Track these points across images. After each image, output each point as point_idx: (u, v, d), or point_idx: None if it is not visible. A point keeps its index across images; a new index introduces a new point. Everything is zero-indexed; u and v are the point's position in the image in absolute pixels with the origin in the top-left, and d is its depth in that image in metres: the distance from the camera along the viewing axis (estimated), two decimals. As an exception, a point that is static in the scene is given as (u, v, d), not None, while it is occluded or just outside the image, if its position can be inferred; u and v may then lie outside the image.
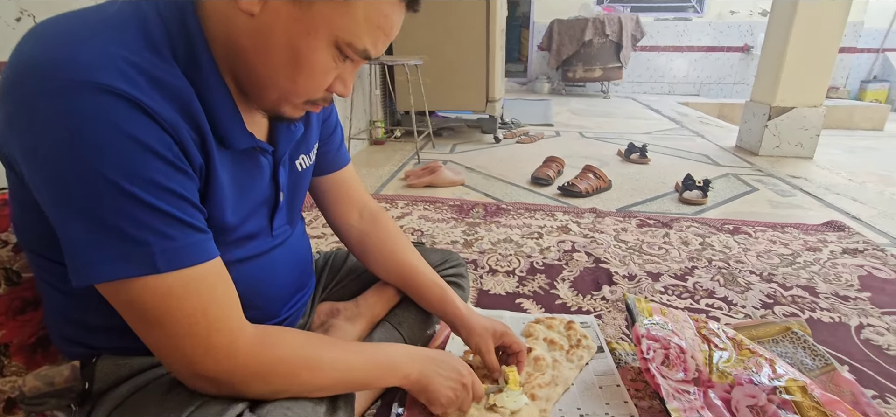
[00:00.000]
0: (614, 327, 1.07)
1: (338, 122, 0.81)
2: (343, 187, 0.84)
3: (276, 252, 0.69)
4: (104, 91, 0.42)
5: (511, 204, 1.89)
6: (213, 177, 0.53)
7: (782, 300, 1.18)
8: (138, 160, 0.44)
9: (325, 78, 0.53)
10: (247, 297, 0.66)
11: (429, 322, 0.95)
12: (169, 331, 0.48)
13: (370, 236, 0.84)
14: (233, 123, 0.54)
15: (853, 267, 1.34)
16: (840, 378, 0.84)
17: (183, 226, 0.47)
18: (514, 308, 1.16)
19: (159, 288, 0.46)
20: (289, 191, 0.69)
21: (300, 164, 0.70)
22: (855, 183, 2.19)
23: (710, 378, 0.82)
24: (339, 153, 0.82)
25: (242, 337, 0.52)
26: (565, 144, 3.11)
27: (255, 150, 0.59)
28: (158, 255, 0.45)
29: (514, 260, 1.39)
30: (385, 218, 0.86)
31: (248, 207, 0.61)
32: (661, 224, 1.67)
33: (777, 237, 1.55)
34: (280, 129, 0.63)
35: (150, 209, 0.45)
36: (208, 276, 0.49)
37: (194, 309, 0.48)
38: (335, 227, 0.86)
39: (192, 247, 0.48)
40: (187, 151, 0.49)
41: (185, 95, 0.48)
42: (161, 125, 0.45)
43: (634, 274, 1.31)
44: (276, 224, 0.67)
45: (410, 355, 0.67)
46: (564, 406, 0.83)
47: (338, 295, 0.94)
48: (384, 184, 2.20)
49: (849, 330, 1.05)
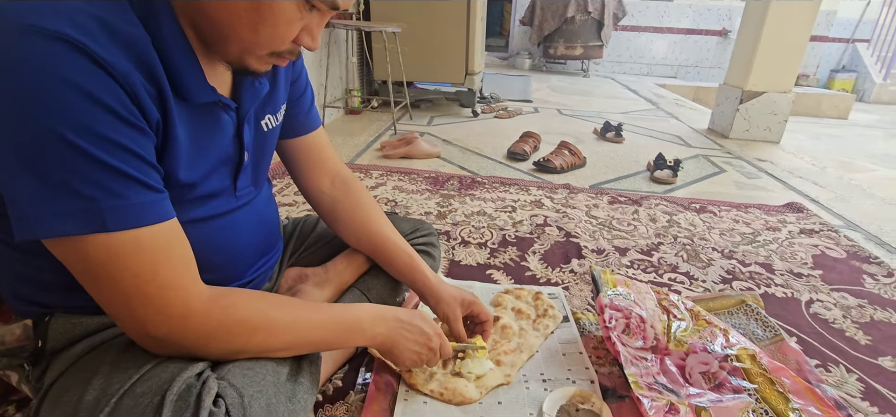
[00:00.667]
0: (581, 298, 1.09)
1: (307, 83, 0.79)
2: (314, 151, 0.82)
3: (239, 212, 0.67)
4: (50, 36, 0.40)
5: (486, 177, 1.90)
6: (170, 132, 0.51)
7: (740, 276, 1.23)
8: (85, 112, 0.42)
9: (289, 28, 0.50)
10: (208, 257, 0.64)
11: (398, 289, 0.95)
12: (119, 291, 0.46)
13: (341, 203, 0.83)
14: (191, 74, 0.52)
15: (808, 247, 1.40)
16: (787, 348, 0.89)
17: (135, 184, 0.45)
18: (485, 279, 1.17)
19: (109, 246, 0.45)
20: (253, 151, 0.67)
21: (266, 124, 0.68)
22: (817, 167, 2.28)
23: (667, 347, 0.85)
24: (310, 115, 0.80)
25: (196, 298, 0.50)
26: (543, 121, 3.12)
27: (216, 105, 0.57)
28: (108, 212, 0.44)
29: (487, 233, 1.40)
30: (357, 185, 0.85)
31: (207, 165, 0.59)
32: (632, 201, 1.70)
33: (740, 216, 1.61)
34: (244, 86, 0.60)
35: (97, 164, 0.43)
36: (162, 237, 0.48)
37: (145, 270, 0.46)
38: (306, 193, 0.85)
39: (145, 207, 0.46)
40: (142, 105, 0.46)
41: (141, 44, 0.46)
42: (112, 76, 0.43)
43: (603, 248, 1.34)
44: (240, 184, 0.65)
45: (377, 315, 0.67)
46: (528, 372, 0.86)
47: (306, 260, 0.93)
48: (359, 154, 2.17)
49: (799, 304, 1.11)
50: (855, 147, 3.42)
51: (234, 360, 0.55)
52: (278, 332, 0.56)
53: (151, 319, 0.48)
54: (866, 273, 1.26)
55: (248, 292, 0.58)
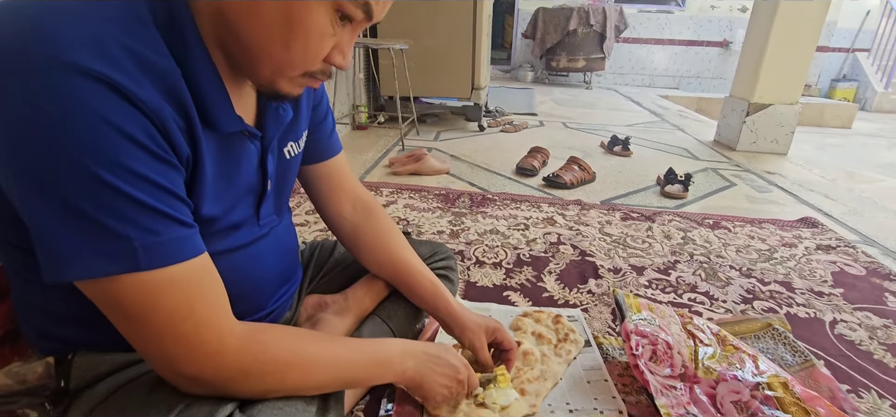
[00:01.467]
0: (601, 321, 1.08)
1: (329, 108, 0.79)
2: (335, 177, 0.81)
3: (262, 242, 0.66)
4: (81, 72, 0.39)
5: (497, 194, 1.89)
6: (199, 165, 0.50)
7: (761, 295, 1.21)
8: (118, 148, 0.41)
9: (322, 44, 0.49)
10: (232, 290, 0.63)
11: (418, 316, 0.94)
12: (152, 330, 0.45)
13: (363, 229, 0.82)
14: (221, 105, 0.51)
15: (826, 264, 1.39)
16: (818, 374, 0.87)
17: (167, 220, 0.44)
18: (502, 300, 1.16)
19: (142, 285, 0.43)
20: (276, 179, 0.66)
21: (289, 152, 0.67)
22: (826, 180, 2.26)
23: (695, 374, 0.83)
24: (331, 140, 0.80)
25: (230, 335, 0.49)
26: (549, 134, 3.12)
27: (242, 134, 0.57)
28: (141, 251, 0.42)
29: (501, 252, 1.39)
30: (378, 210, 0.84)
31: (232, 196, 0.58)
32: (645, 217, 1.69)
33: (755, 232, 1.59)
34: (268, 113, 0.60)
35: (131, 201, 0.42)
36: (195, 273, 0.47)
37: (179, 308, 0.45)
38: (327, 219, 0.84)
39: (178, 243, 0.45)
40: (172, 139, 0.46)
41: (172, 76, 0.45)
42: (144, 111, 0.42)
43: (619, 267, 1.32)
44: (263, 213, 0.65)
45: (406, 350, 0.66)
46: (553, 401, 0.84)
47: (325, 287, 0.92)
48: (368, 171, 2.16)
49: (823, 325, 1.09)
50: (860, 157, 3.41)
51: (265, 400, 0.54)
52: (312, 371, 0.55)
53: (185, 358, 0.47)
54: (888, 291, 1.25)
55: (280, 329, 0.57)
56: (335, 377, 0.58)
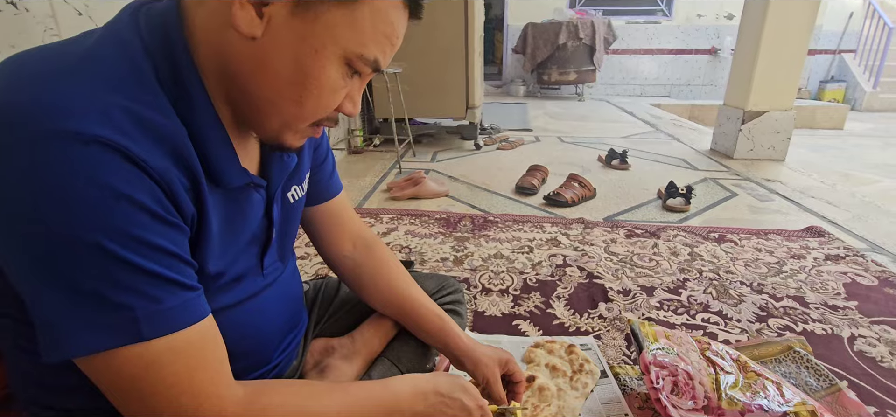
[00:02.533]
0: (615, 348, 1.05)
1: (329, 148, 0.76)
2: (336, 217, 0.79)
3: (266, 293, 0.63)
4: (81, 140, 0.37)
5: (498, 215, 1.86)
6: (204, 222, 0.48)
7: (775, 312, 1.18)
8: (126, 218, 0.39)
9: (334, 97, 0.48)
10: (236, 346, 0.60)
11: (428, 355, 0.90)
12: (150, 404, 0.43)
13: (364, 267, 0.79)
14: (226, 160, 0.49)
15: (837, 275, 1.37)
16: (846, 400, 0.84)
17: (171, 286, 0.42)
18: (512, 330, 1.12)
19: (142, 356, 0.41)
20: (281, 226, 0.63)
21: (292, 196, 0.65)
22: (826, 185, 2.26)
23: (719, 405, 0.80)
24: (332, 181, 0.77)
25: (231, 404, 0.46)
26: (545, 150, 3.11)
27: (248, 186, 0.54)
28: (143, 321, 0.40)
29: (507, 278, 1.36)
30: (379, 246, 0.82)
31: (237, 248, 0.56)
32: (649, 233, 1.67)
33: (762, 245, 1.58)
34: (272, 161, 0.58)
35: (134, 269, 0.39)
36: (197, 339, 0.44)
37: (179, 378, 0.43)
38: (327, 258, 0.81)
39: (181, 309, 0.43)
40: (178, 201, 0.43)
41: (177, 137, 0.43)
42: (150, 175, 0.40)
43: (628, 289, 1.30)
44: (267, 262, 0.62)
45: (416, 391, 0.61)
46: (574, 440, 0.81)
47: (331, 329, 0.88)
48: (367, 197, 2.14)
49: (842, 341, 1.06)
50: (855, 158, 3.43)
51: None
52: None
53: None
54: (903, 301, 1.23)
55: (282, 387, 0.54)
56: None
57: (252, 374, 0.65)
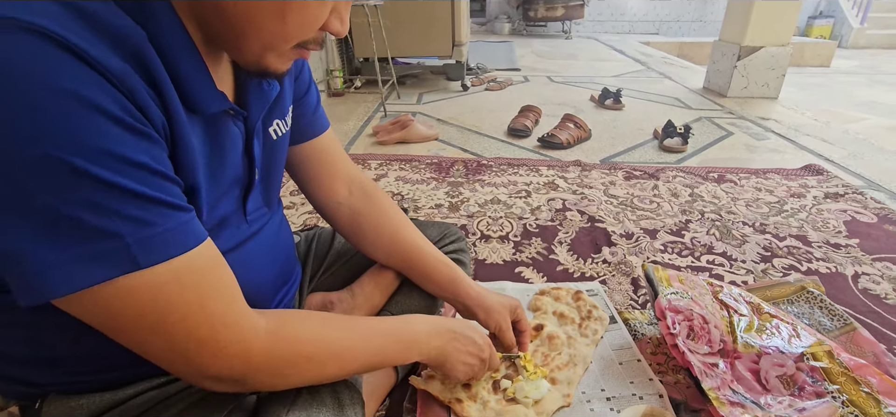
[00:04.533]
0: (621, 293, 1.02)
1: (311, 79, 0.67)
2: (326, 157, 0.71)
3: (252, 243, 0.56)
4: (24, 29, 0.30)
5: (492, 159, 1.79)
6: (181, 139, 0.41)
7: (779, 252, 1.17)
8: (90, 127, 0.33)
9: (321, 11, 0.42)
10: None
11: (433, 307, 0.85)
12: (165, 338, 0.39)
13: (364, 215, 0.72)
14: (202, 84, 0.42)
15: (837, 213, 1.36)
16: (860, 338, 0.83)
17: (161, 207, 0.37)
18: (515, 277, 1.08)
19: (144, 287, 0.36)
20: (264, 165, 0.55)
21: (275, 131, 0.56)
22: (819, 123, 2.24)
23: (735, 349, 0.78)
24: (317, 115, 0.69)
25: (253, 334, 0.43)
26: (535, 90, 3.00)
27: (225, 115, 0.47)
28: (136, 247, 0.35)
29: (506, 224, 1.31)
30: (379, 192, 0.75)
31: (219, 189, 0.48)
32: (648, 175, 1.63)
33: (761, 184, 1.55)
34: (250, 89, 0.50)
35: (115, 190, 0.34)
36: (202, 264, 0.40)
37: (191, 308, 0.39)
38: (319, 206, 0.74)
39: (177, 232, 0.38)
40: (145, 109, 0.37)
41: (134, 38, 0.36)
42: (109, 80, 0.33)
43: (631, 232, 1.26)
44: (250, 207, 0.55)
45: (432, 329, 0.61)
46: (587, 389, 0.78)
47: (328, 283, 0.82)
48: (352, 142, 2.03)
49: (846, 280, 1.06)
50: (843, 96, 3.43)
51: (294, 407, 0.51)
52: (348, 359, 0.51)
53: (208, 362, 0.41)
54: (903, 238, 1.22)
55: (307, 317, 0.51)
56: (367, 362, 0.54)
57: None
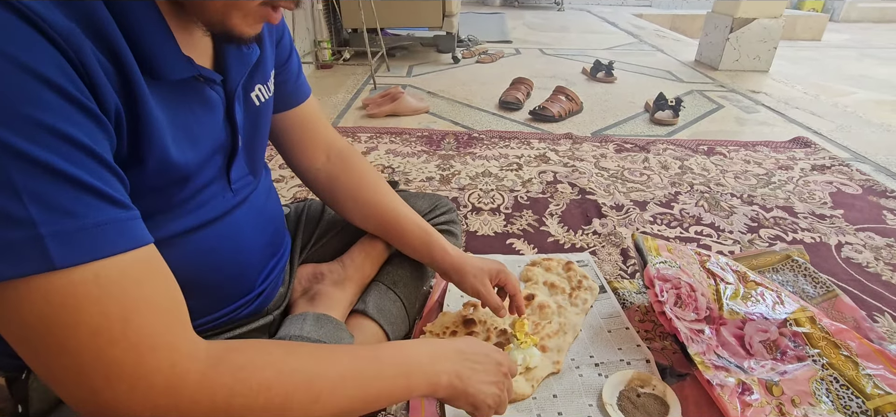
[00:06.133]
0: (611, 263, 1.03)
1: (292, 44, 0.66)
2: (307, 125, 0.70)
3: (238, 212, 0.55)
4: None
5: (483, 132, 1.78)
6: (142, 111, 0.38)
7: (765, 222, 1.19)
8: (17, 89, 0.28)
9: None
10: (211, 274, 0.53)
11: (424, 277, 0.86)
12: (71, 358, 0.31)
13: (340, 179, 0.72)
14: (164, 47, 0.39)
15: (824, 184, 1.38)
16: (842, 304, 0.85)
17: (90, 196, 0.31)
18: (507, 249, 1.09)
19: (55, 292, 0.30)
20: (246, 132, 0.54)
21: (258, 97, 0.55)
22: (809, 96, 2.25)
23: (721, 315, 0.80)
24: (299, 83, 0.67)
25: (190, 361, 0.35)
26: (527, 63, 2.97)
27: (197, 81, 0.44)
28: (51, 241, 0.29)
29: (498, 196, 1.31)
30: (355, 157, 0.74)
31: (198, 156, 0.46)
32: (639, 148, 1.63)
33: (750, 156, 1.56)
34: (229, 53, 0.48)
35: (35, 166, 0.29)
36: (136, 272, 0.33)
37: (109, 321, 0.31)
38: (299, 172, 0.73)
39: (108, 228, 0.31)
40: (94, 82, 0.32)
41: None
42: (51, 39, 0.29)
43: (621, 204, 1.27)
44: (235, 175, 0.53)
45: (435, 353, 0.50)
46: (577, 356, 0.79)
47: (318, 254, 0.82)
48: (341, 115, 2.00)
49: (830, 249, 1.08)
50: (833, 70, 3.44)
51: None
52: (323, 391, 0.40)
53: (126, 398, 0.32)
54: (885, 208, 1.25)
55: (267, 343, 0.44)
56: (351, 398, 0.41)
57: (236, 303, 0.59)
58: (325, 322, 0.68)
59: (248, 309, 0.61)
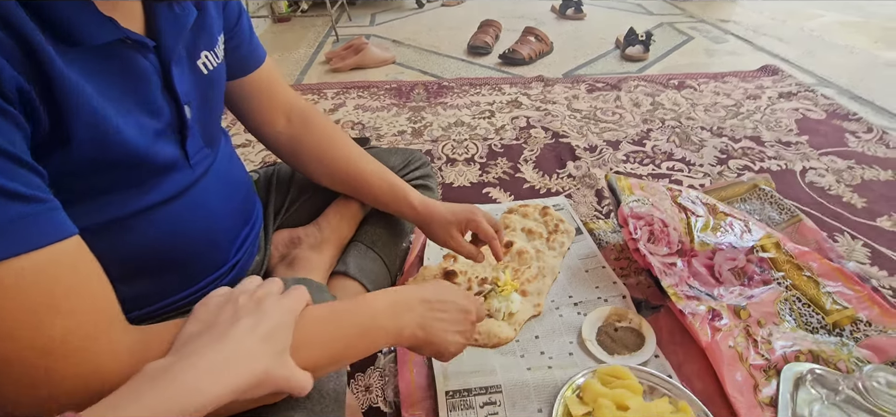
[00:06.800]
0: (586, 205, 1.04)
1: (241, 6, 0.61)
2: (265, 89, 0.66)
3: (201, 185, 0.52)
4: None
5: (453, 80, 1.73)
6: (62, 86, 0.34)
7: (734, 153, 1.21)
8: None
9: None
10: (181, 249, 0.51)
11: (402, 233, 0.85)
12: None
13: (303, 141, 0.70)
14: (77, 5, 0.35)
15: (790, 112, 1.40)
16: (805, 228, 0.89)
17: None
18: (483, 199, 1.09)
19: None
20: (198, 102, 0.50)
21: (205, 64, 0.51)
22: (777, 21, 2.26)
23: (692, 248, 0.82)
24: (253, 45, 0.63)
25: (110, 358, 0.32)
26: (494, 4, 2.87)
27: (123, 46, 0.40)
28: None
29: (471, 146, 1.30)
30: (317, 116, 0.71)
31: (142, 130, 0.42)
32: (611, 86, 1.62)
33: (719, 88, 1.57)
34: (161, 15, 0.43)
35: None
36: (52, 269, 0.30)
37: (20, 328, 0.29)
38: (260, 137, 0.71)
39: (17, 225, 0.29)
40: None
41: None
42: None
43: (594, 145, 1.27)
44: (191, 150, 0.50)
45: (396, 301, 0.47)
46: (556, 297, 0.81)
47: (293, 219, 0.80)
48: (304, 71, 1.92)
49: (795, 175, 1.11)
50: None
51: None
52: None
53: (45, 404, 0.30)
54: (848, 131, 1.28)
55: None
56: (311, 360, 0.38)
57: (210, 276, 0.57)
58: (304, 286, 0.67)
59: (223, 281, 0.59)
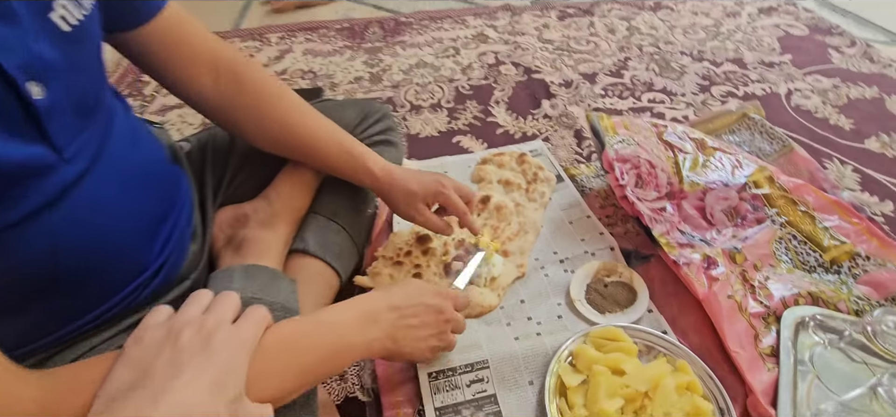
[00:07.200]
0: (565, 148, 0.96)
1: None
2: (174, 40, 0.53)
3: (88, 180, 0.39)
4: None
5: (411, 15, 1.57)
6: None
7: (717, 79, 1.14)
8: None
9: None
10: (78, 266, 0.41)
11: (367, 199, 0.75)
12: None
13: (236, 100, 0.58)
14: None
15: (771, 28, 1.33)
16: (797, 157, 0.84)
17: None
18: (454, 148, 0.99)
19: None
20: (60, 71, 0.36)
21: (65, 18, 0.37)
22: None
23: (682, 189, 0.76)
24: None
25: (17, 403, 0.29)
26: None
27: None
28: None
29: (436, 89, 1.18)
30: (251, 69, 0.59)
31: None
32: (583, 11, 1.50)
33: (697, 7, 1.48)
34: None
35: None
36: None
37: None
38: (183, 98, 0.58)
39: None
40: None
41: None
42: None
43: (570, 79, 1.18)
44: (60, 137, 0.36)
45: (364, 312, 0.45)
46: (540, 255, 0.75)
47: (238, 193, 0.67)
48: (242, 16, 1.70)
49: (780, 99, 1.06)
50: None
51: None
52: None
53: None
54: (831, 46, 1.23)
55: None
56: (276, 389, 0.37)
57: (128, 287, 0.46)
58: (256, 273, 0.57)
59: (149, 288, 0.49)
